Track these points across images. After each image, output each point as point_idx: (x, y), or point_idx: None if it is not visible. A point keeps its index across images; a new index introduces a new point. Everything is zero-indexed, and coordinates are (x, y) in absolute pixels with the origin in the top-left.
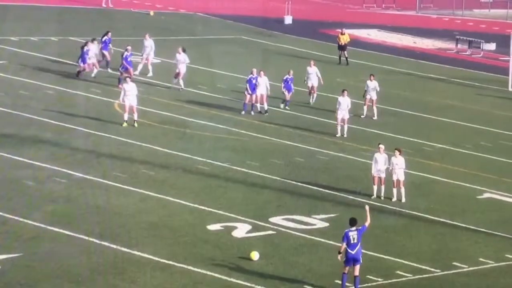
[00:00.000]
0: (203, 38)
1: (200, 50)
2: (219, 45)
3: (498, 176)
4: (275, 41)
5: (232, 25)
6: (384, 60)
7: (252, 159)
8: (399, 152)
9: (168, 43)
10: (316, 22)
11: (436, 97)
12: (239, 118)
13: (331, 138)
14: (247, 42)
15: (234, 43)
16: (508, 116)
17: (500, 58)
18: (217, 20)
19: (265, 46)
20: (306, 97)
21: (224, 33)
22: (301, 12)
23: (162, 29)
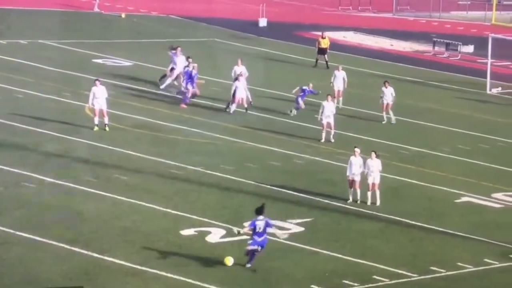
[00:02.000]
0: (176, 40)
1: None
2: (192, 48)
3: (476, 180)
4: (250, 44)
5: (206, 28)
6: (361, 62)
7: (226, 163)
8: (376, 155)
9: (141, 46)
10: (291, 25)
11: (413, 100)
12: (213, 122)
13: (307, 141)
14: (220, 44)
15: (207, 46)
16: (487, 119)
17: (478, 61)
18: (190, 23)
19: (239, 49)
20: (278, 102)
21: (197, 36)
22: (276, 14)
23: (134, 31)
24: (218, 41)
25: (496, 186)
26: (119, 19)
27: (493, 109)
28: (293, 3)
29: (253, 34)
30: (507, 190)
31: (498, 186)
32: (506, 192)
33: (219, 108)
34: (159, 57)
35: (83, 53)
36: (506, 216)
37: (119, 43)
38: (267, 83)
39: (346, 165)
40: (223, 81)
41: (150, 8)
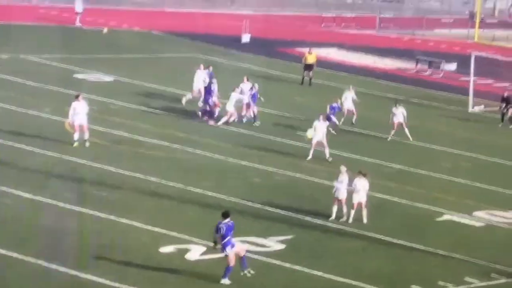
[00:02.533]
0: (158, 56)
1: (155, 68)
2: (175, 64)
3: (458, 198)
4: (232, 59)
5: (188, 43)
6: (344, 79)
7: (207, 180)
8: (362, 174)
9: (122, 61)
10: (275, 41)
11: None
12: (194, 138)
13: (289, 158)
14: (203, 61)
15: (190, 62)
16: (469, 137)
17: (461, 78)
18: (172, 38)
19: (221, 65)
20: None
21: (180, 52)
22: (259, 30)
23: (115, 47)
24: (201, 56)
25: (478, 204)
26: (100, 34)
27: (475, 127)
28: (276, 20)
29: (236, 50)
30: (488, 208)
31: (480, 204)
32: (487, 210)
33: (200, 124)
34: (140, 73)
35: (64, 68)
36: (488, 235)
37: (101, 58)
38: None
39: (328, 182)
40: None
41: (132, 23)
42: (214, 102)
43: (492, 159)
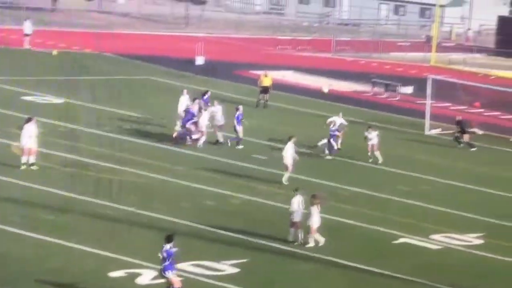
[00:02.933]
0: (109, 78)
1: (107, 90)
2: (126, 86)
3: (415, 221)
4: (186, 82)
5: (141, 65)
6: (300, 102)
7: (159, 203)
8: (316, 200)
9: (72, 83)
10: (229, 63)
11: (352, 140)
12: (146, 161)
13: (244, 181)
14: (156, 83)
15: (142, 84)
16: (426, 160)
17: (417, 102)
18: (124, 60)
19: (175, 87)
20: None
21: (131, 74)
22: (214, 53)
23: (65, 69)
24: (153, 79)
25: (435, 227)
26: (50, 56)
27: (432, 150)
28: (231, 42)
29: (190, 72)
30: (445, 231)
31: (437, 227)
32: (444, 233)
33: (152, 146)
34: (91, 95)
35: (12, 90)
36: (445, 258)
37: (50, 80)
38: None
39: (284, 205)
40: (156, 119)
41: (82, 45)
42: (190, 127)
43: (450, 182)
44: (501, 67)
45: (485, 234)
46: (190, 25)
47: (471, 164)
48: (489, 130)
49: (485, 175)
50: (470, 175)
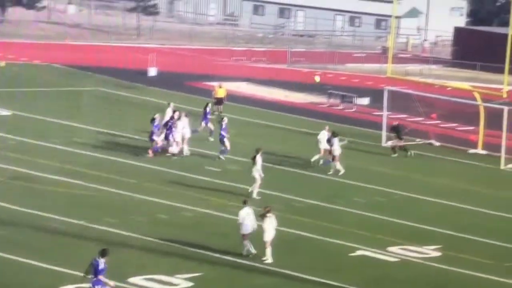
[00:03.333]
0: (59, 90)
1: (56, 102)
2: (76, 97)
3: (372, 233)
4: (138, 94)
5: (91, 77)
6: (254, 113)
7: (110, 216)
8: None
9: (21, 95)
10: (182, 74)
11: (308, 152)
12: (96, 173)
13: (198, 194)
14: (106, 94)
15: (92, 95)
16: (382, 172)
17: (374, 113)
18: (74, 72)
19: (126, 99)
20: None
21: (81, 85)
22: (166, 64)
23: (14, 80)
24: (103, 90)
25: (392, 240)
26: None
27: (389, 162)
28: (184, 53)
29: (142, 84)
30: (402, 243)
31: (394, 239)
32: (401, 245)
33: (102, 159)
34: (39, 107)
35: None
36: (402, 270)
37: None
38: None
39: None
40: (107, 131)
41: (31, 56)
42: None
43: (407, 194)
44: (458, 78)
45: (442, 246)
46: (142, 36)
47: (428, 176)
48: (446, 141)
49: (442, 187)
50: (427, 186)
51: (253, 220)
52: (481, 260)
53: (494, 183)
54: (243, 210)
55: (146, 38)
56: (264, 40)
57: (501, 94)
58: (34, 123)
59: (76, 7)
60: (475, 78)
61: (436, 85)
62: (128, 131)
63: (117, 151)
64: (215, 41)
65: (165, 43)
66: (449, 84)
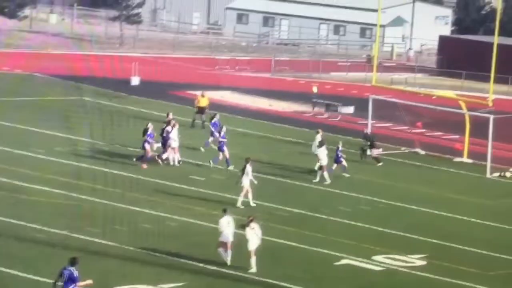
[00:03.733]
0: (41, 99)
1: (38, 111)
2: (59, 107)
3: (357, 242)
4: (121, 103)
5: (74, 86)
6: (239, 122)
7: (92, 226)
8: (252, 220)
9: (3, 105)
10: (166, 84)
11: (292, 161)
12: (79, 183)
13: (181, 203)
14: (89, 103)
15: (75, 105)
16: (367, 181)
17: (359, 122)
18: (57, 81)
19: (109, 108)
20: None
21: (64, 94)
22: (150, 73)
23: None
24: (87, 99)
25: (377, 249)
26: None
27: (373, 170)
28: (167, 62)
29: (125, 93)
30: (388, 252)
31: (379, 248)
32: (386, 254)
33: (85, 168)
34: (21, 116)
35: None
36: (387, 279)
37: None
38: (138, 142)
39: (219, 226)
40: (90, 140)
41: (13, 66)
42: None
43: (392, 203)
44: (443, 87)
45: (428, 255)
46: (125, 45)
47: (413, 184)
48: (431, 150)
49: (427, 196)
50: (412, 195)
51: (232, 229)
52: (467, 269)
53: (480, 192)
54: (224, 219)
55: (129, 47)
56: (248, 49)
57: (487, 103)
58: (16, 132)
59: (58, 16)
60: (460, 87)
61: (421, 94)
62: (112, 141)
63: (100, 161)
64: (199, 50)
65: (148, 52)
66: (434, 93)
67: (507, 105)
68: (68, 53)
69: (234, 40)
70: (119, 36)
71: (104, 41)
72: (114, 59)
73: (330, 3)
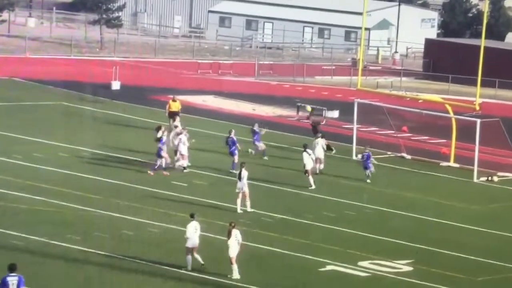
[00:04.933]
0: (19, 104)
1: (17, 117)
2: (38, 112)
3: (342, 248)
4: (101, 108)
5: (53, 91)
6: (222, 127)
7: (73, 233)
8: (232, 227)
9: None
10: (147, 88)
11: (278, 165)
12: (59, 189)
13: (163, 209)
14: (68, 108)
15: (54, 110)
16: (352, 186)
17: (344, 126)
18: (35, 85)
19: (89, 113)
20: (130, 168)
21: (43, 99)
22: (130, 77)
23: None
24: (66, 104)
25: (363, 254)
26: None
27: (359, 175)
28: (149, 66)
29: (105, 98)
30: (373, 258)
31: (364, 254)
32: (372, 260)
33: (65, 174)
34: (0, 122)
35: None
36: (374, 285)
37: None
38: (119, 147)
39: (206, 234)
40: (70, 146)
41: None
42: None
43: (378, 208)
44: (429, 90)
45: (414, 260)
46: (105, 49)
47: (399, 189)
48: (418, 154)
49: (414, 201)
50: (398, 200)
51: (198, 234)
52: (454, 275)
53: (467, 197)
54: (191, 225)
55: (109, 51)
56: (231, 53)
57: (473, 107)
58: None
59: (37, 20)
60: (447, 91)
61: (407, 98)
62: (92, 146)
63: (80, 167)
64: (181, 53)
65: (129, 56)
66: (420, 97)
67: (494, 109)
68: (47, 57)
69: (216, 43)
70: (99, 40)
71: (84, 45)
72: (94, 64)
73: (314, 6)
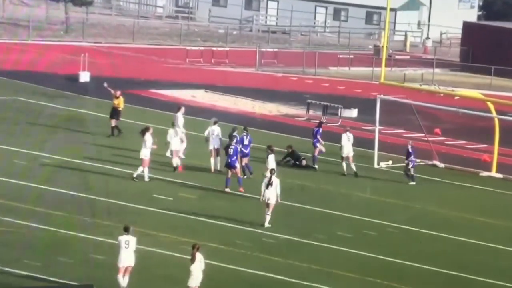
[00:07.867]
0: None
1: None
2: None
3: (360, 275)
4: (66, 104)
5: (5, 83)
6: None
7: (31, 258)
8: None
9: None
10: (124, 80)
11: (283, 177)
12: (15, 204)
13: (142, 228)
14: (25, 104)
15: (7, 107)
16: (373, 200)
17: (363, 127)
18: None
19: (51, 111)
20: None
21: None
22: (102, 67)
23: None
24: (22, 100)
25: (384, 282)
26: None
27: (382, 188)
28: (125, 53)
29: (72, 92)
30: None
31: (386, 282)
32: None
33: (21, 186)
34: None
35: None
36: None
37: None
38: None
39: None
40: (26, 151)
41: None
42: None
43: (404, 227)
44: (467, 85)
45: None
46: (71, 32)
47: (432, 205)
48: (453, 163)
49: (447, 218)
50: (428, 217)
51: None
52: None
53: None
54: (123, 238)
55: (76, 34)
56: (227, 38)
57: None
58: None
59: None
60: (489, 85)
61: (440, 94)
62: (54, 152)
63: (40, 177)
64: (165, 38)
65: (101, 41)
66: (456, 93)
67: None
68: (0, 41)
69: (209, 26)
70: (63, 21)
71: (46, 27)
72: (57, 50)
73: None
